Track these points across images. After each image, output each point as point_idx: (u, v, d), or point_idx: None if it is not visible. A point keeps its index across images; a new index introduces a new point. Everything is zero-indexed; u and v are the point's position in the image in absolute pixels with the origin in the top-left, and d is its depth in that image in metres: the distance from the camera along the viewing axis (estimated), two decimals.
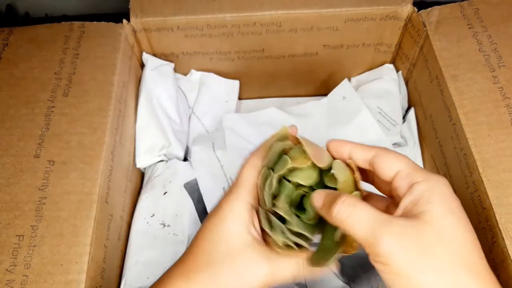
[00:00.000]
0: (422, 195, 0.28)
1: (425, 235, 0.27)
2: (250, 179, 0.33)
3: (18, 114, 0.44)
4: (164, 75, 0.57)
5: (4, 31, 0.51)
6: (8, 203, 0.39)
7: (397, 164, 0.31)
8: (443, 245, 0.27)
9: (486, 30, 0.49)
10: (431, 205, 0.28)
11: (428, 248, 0.26)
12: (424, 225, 0.27)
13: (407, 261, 0.26)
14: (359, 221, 0.28)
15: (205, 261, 0.31)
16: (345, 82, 0.58)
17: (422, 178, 0.29)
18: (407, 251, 0.26)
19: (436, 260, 0.26)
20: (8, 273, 0.36)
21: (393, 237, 0.27)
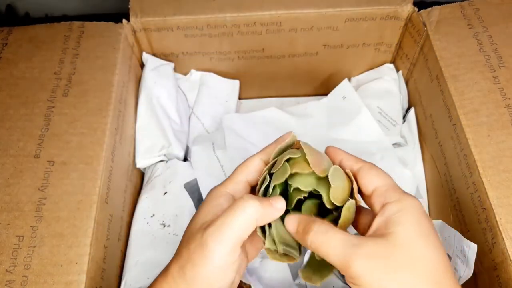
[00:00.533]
0: (393, 216, 0.30)
1: (393, 256, 0.28)
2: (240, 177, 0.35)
3: (17, 114, 0.44)
4: (164, 75, 0.57)
5: (4, 30, 0.51)
6: (8, 203, 0.39)
7: (376, 181, 0.32)
8: (410, 265, 0.28)
9: (486, 30, 0.49)
10: (400, 226, 0.29)
11: (395, 268, 0.27)
12: (392, 246, 0.28)
13: (375, 281, 0.27)
14: (332, 247, 0.29)
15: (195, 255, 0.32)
16: (345, 82, 0.58)
17: (395, 199, 0.30)
18: (375, 272, 0.27)
19: (403, 280, 0.27)
20: (8, 273, 0.36)
21: (363, 259, 0.28)
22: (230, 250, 0.30)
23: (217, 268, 0.30)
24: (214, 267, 0.30)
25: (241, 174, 0.35)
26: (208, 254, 0.30)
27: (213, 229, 0.30)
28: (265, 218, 0.32)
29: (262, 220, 0.32)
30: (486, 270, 0.41)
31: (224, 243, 0.30)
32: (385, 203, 0.30)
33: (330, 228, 0.30)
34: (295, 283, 0.49)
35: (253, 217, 0.31)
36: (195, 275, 0.30)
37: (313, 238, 0.30)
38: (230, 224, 0.30)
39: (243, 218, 0.30)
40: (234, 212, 0.30)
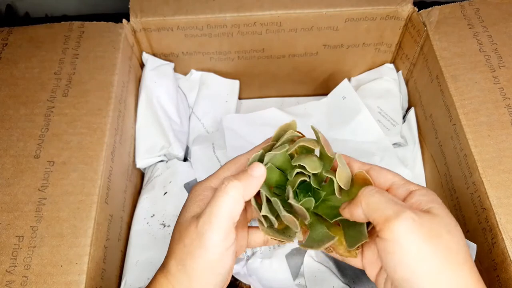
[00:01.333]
0: (424, 198, 0.32)
1: (435, 223, 0.30)
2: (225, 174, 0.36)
3: (17, 115, 0.44)
4: (164, 75, 0.57)
5: (4, 31, 0.51)
6: (8, 203, 0.39)
7: (391, 177, 0.34)
8: (449, 233, 0.29)
9: (486, 30, 0.49)
10: (435, 204, 0.31)
11: (437, 233, 0.29)
12: (432, 215, 0.30)
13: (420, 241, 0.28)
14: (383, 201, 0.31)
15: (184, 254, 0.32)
16: (345, 82, 0.58)
17: (419, 187, 0.33)
18: (420, 232, 0.29)
19: (444, 244, 0.29)
20: (8, 274, 0.36)
21: (410, 218, 0.29)
22: (225, 235, 0.31)
23: (216, 255, 0.31)
24: (213, 255, 0.31)
25: (227, 170, 0.36)
26: (206, 243, 0.30)
27: (205, 219, 0.31)
28: (250, 191, 0.32)
29: (248, 194, 0.32)
30: (486, 270, 0.41)
31: (218, 230, 0.30)
32: (411, 191, 0.32)
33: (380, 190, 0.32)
34: (295, 283, 0.49)
35: (237, 195, 0.31)
36: (195, 266, 0.31)
37: (369, 191, 0.31)
38: (218, 210, 0.31)
39: (229, 201, 0.31)
40: (218, 198, 0.31)
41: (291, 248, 0.49)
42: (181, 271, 0.31)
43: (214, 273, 0.32)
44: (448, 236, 0.29)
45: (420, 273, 0.28)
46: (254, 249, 0.49)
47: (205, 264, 0.31)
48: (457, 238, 0.30)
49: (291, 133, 0.36)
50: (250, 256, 0.49)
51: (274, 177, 0.36)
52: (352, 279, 0.49)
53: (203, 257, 0.31)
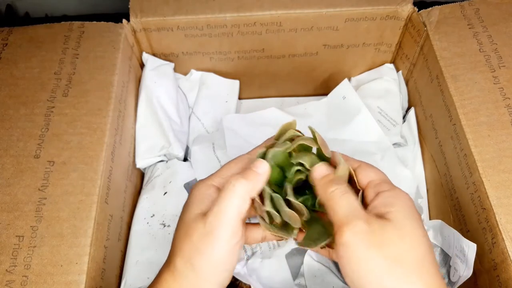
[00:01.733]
0: (386, 200, 0.32)
1: (386, 229, 0.30)
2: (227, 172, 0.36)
3: (17, 115, 0.44)
4: (164, 75, 0.57)
5: (4, 31, 0.51)
6: (8, 203, 0.39)
7: (371, 175, 0.35)
8: (399, 239, 0.30)
9: (486, 30, 0.49)
10: (393, 208, 0.31)
11: (386, 240, 0.30)
12: (386, 221, 0.30)
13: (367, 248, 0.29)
14: (343, 204, 0.31)
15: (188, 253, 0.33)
16: (345, 82, 0.58)
17: (388, 189, 0.33)
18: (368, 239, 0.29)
19: (392, 251, 0.29)
20: (8, 273, 0.36)
21: (361, 226, 0.30)
22: (233, 232, 0.32)
23: (225, 252, 0.32)
24: (221, 252, 0.31)
25: (228, 169, 0.36)
26: (214, 241, 0.31)
27: (214, 217, 0.32)
28: (255, 188, 0.33)
29: (253, 190, 0.33)
30: (486, 270, 0.41)
31: (227, 227, 0.31)
32: (379, 192, 0.33)
33: (349, 191, 0.32)
34: (295, 283, 0.49)
35: (245, 193, 0.32)
36: (204, 263, 0.31)
37: (335, 189, 0.32)
38: (227, 208, 0.32)
39: (237, 199, 0.32)
40: (226, 196, 0.32)
41: (291, 248, 0.49)
42: (189, 268, 0.32)
43: (221, 270, 0.32)
44: (398, 243, 0.30)
45: (364, 278, 0.29)
46: (254, 249, 0.49)
47: (214, 261, 0.31)
48: (410, 245, 0.30)
49: (292, 132, 0.36)
50: (250, 256, 0.49)
51: (273, 175, 0.37)
52: None
53: (212, 254, 0.31)
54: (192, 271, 0.32)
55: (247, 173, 0.33)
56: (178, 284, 0.32)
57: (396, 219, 0.30)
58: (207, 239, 0.31)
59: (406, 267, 0.29)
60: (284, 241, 0.50)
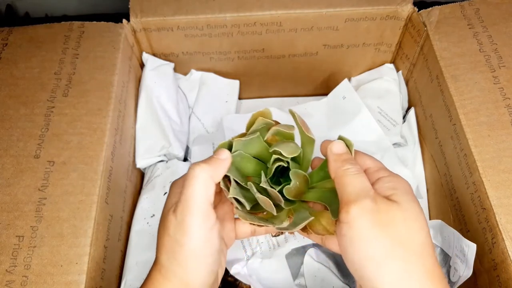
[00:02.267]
0: (389, 184, 0.32)
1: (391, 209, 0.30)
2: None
3: (17, 114, 0.44)
4: (164, 75, 0.57)
5: (4, 31, 0.51)
6: (8, 203, 0.39)
7: (368, 163, 0.35)
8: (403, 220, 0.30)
9: (486, 30, 0.49)
10: (396, 191, 0.32)
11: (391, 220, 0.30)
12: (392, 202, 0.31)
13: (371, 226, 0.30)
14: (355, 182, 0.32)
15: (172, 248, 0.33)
16: (345, 82, 0.58)
17: (387, 174, 0.34)
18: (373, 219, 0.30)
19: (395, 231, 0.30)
20: (8, 273, 0.36)
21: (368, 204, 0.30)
22: (204, 217, 0.32)
23: (201, 238, 0.32)
24: (197, 239, 0.32)
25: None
26: (187, 229, 0.31)
27: (181, 206, 0.32)
28: (217, 172, 0.33)
29: (216, 176, 0.33)
30: (486, 270, 0.41)
31: (196, 213, 0.31)
32: (379, 178, 0.33)
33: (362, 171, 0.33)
34: (295, 283, 0.49)
35: (207, 178, 0.32)
36: (184, 253, 0.32)
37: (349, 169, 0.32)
38: (191, 193, 0.32)
39: (199, 184, 0.32)
40: (189, 182, 0.32)
41: (291, 248, 0.49)
42: (172, 262, 0.32)
43: (203, 257, 0.32)
44: (402, 224, 0.30)
45: (366, 257, 0.29)
46: (254, 249, 0.49)
47: (193, 249, 0.32)
48: (413, 228, 0.30)
49: (262, 121, 0.36)
50: (250, 256, 0.49)
51: (250, 166, 0.37)
52: (352, 279, 0.49)
53: (190, 243, 0.31)
54: (176, 263, 0.32)
55: (207, 159, 0.34)
56: (167, 281, 0.32)
57: (401, 201, 0.31)
58: (181, 228, 0.32)
59: (408, 249, 0.29)
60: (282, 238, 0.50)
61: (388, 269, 0.29)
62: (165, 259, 0.32)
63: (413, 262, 0.29)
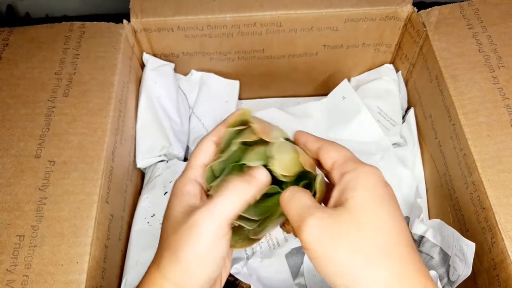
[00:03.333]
0: (348, 184, 0.30)
1: (342, 220, 0.28)
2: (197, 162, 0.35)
3: (18, 114, 0.44)
4: (165, 75, 0.57)
5: (5, 31, 0.51)
6: (9, 203, 0.39)
7: (334, 155, 0.32)
8: (358, 229, 0.28)
9: (485, 30, 0.49)
10: (353, 192, 0.29)
11: (343, 231, 0.28)
12: (343, 211, 0.29)
13: (325, 244, 0.28)
14: (293, 208, 0.31)
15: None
16: (345, 82, 0.58)
17: (352, 168, 0.31)
18: (324, 235, 0.28)
19: (350, 243, 0.28)
20: (9, 273, 0.36)
21: (314, 223, 0.28)
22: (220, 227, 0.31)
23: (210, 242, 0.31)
24: (206, 242, 0.31)
25: (196, 159, 0.35)
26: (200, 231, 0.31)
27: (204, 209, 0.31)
28: (255, 195, 0.32)
29: (253, 197, 0.32)
30: (486, 269, 0.41)
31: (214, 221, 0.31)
32: (343, 173, 0.31)
33: (299, 191, 0.31)
34: (295, 282, 0.49)
35: (243, 196, 0.32)
36: (189, 255, 0.31)
37: (284, 194, 0.31)
38: (221, 204, 0.31)
39: (234, 199, 0.31)
40: (224, 193, 0.31)
41: (291, 247, 0.49)
42: (175, 261, 0.32)
43: (207, 261, 0.32)
44: (356, 232, 0.28)
45: (334, 274, 0.28)
46: (254, 248, 0.50)
47: (199, 251, 0.31)
48: (371, 231, 0.28)
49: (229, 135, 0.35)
50: (250, 256, 0.49)
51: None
52: None
53: (198, 244, 0.31)
54: (178, 263, 0.31)
55: (247, 177, 0.33)
56: (164, 278, 0.32)
57: (354, 206, 0.29)
58: (193, 230, 0.31)
59: (368, 256, 0.28)
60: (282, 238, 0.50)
61: (355, 281, 0.28)
62: (167, 258, 0.32)
63: (377, 268, 0.27)
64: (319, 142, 0.34)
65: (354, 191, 0.29)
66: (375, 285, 0.27)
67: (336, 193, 0.30)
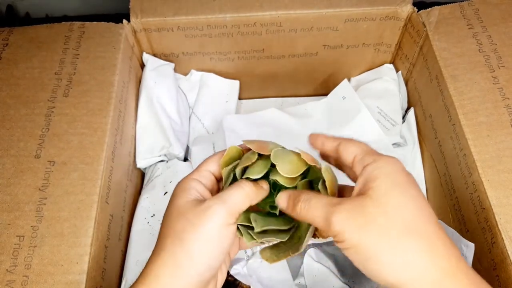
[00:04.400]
0: (370, 174, 0.31)
1: (367, 209, 0.29)
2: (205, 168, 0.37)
3: (18, 115, 0.44)
4: (164, 75, 0.57)
5: (5, 31, 0.51)
6: (9, 203, 0.39)
7: (353, 150, 0.33)
8: (384, 214, 0.29)
9: (486, 30, 0.49)
10: (376, 181, 0.30)
11: (370, 219, 0.29)
12: (368, 199, 0.30)
13: (354, 233, 0.29)
14: (316, 210, 0.31)
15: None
16: (345, 82, 0.58)
17: (372, 160, 0.32)
18: (352, 226, 0.29)
19: (378, 228, 0.29)
20: (9, 273, 0.36)
21: (341, 215, 0.29)
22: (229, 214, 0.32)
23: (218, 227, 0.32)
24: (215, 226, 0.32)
25: (206, 165, 0.37)
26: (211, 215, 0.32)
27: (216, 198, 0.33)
28: (257, 197, 0.34)
29: (254, 199, 0.34)
30: (486, 269, 0.41)
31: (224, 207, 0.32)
32: (365, 165, 0.32)
33: (314, 195, 0.32)
34: (295, 283, 0.49)
35: (249, 193, 0.34)
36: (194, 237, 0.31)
37: (301, 206, 0.32)
38: (231, 195, 0.33)
39: (241, 193, 0.33)
40: (233, 188, 0.33)
41: None
42: (179, 245, 0.32)
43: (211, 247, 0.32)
44: (383, 218, 0.29)
45: (362, 259, 0.29)
46: (254, 249, 0.50)
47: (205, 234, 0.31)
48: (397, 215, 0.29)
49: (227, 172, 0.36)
50: (251, 256, 0.49)
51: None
52: (351, 279, 0.49)
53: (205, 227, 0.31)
54: (181, 244, 0.32)
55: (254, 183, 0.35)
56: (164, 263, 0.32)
57: (377, 194, 0.30)
58: (204, 213, 0.32)
59: (396, 239, 0.28)
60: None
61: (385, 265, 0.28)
62: (169, 242, 0.32)
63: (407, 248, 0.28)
64: (336, 140, 0.35)
65: (376, 180, 0.30)
66: (406, 265, 0.28)
67: (358, 185, 0.31)
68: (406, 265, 0.28)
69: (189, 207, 0.33)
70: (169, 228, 0.33)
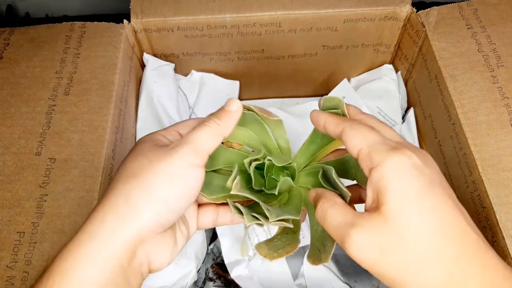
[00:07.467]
0: (378, 183, 0.27)
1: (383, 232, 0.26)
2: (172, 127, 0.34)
3: (19, 113, 0.44)
4: (165, 75, 0.57)
5: (5, 31, 0.51)
6: (9, 200, 0.39)
7: (358, 143, 0.29)
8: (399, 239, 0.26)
9: (485, 30, 0.49)
10: (386, 195, 0.27)
11: (387, 245, 0.26)
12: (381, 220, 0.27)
13: (373, 267, 0.27)
14: (329, 227, 0.29)
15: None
16: (345, 82, 0.59)
17: (378, 162, 0.27)
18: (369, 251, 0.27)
19: (395, 255, 0.26)
20: (9, 269, 0.36)
21: (356, 243, 0.27)
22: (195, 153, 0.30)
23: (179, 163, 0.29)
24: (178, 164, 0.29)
25: (175, 126, 0.34)
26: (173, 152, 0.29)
27: (179, 140, 0.30)
28: (227, 127, 0.32)
29: (226, 130, 0.32)
30: None
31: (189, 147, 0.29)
32: (371, 168, 0.28)
33: (336, 202, 0.30)
34: (296, 283, 0.49)
35: (215, 129, 0.31)
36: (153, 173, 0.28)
37: (322, 206, 0.30)
38: (196, 135, 0.30)
39: (207, 131, 0.31)
40: (198, 127, 0.31)
41: None
42: (131, 182, 0.28)
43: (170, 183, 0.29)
44: (400, 243, 0.26)
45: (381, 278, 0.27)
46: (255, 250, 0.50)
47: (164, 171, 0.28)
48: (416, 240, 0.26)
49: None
50: (252, 257, 0.49)
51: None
52: (352, 279, 0.49)
53: (165, 165, 0.28)
54: (136, 183, 0.28)
55: (219, 113, 0.32)
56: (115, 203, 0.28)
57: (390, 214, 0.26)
58: (166, 153, 0.29)
59: (418, 265, 0.26)
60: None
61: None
62: (122, 182, 0.28)
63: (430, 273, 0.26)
64: (339, 125, 0.31)
65: (386, 193, 0.27)
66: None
67: (369, 193, 0.28)
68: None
69: (151, 149, 0.30)
70: (123, 170, 0.29)
